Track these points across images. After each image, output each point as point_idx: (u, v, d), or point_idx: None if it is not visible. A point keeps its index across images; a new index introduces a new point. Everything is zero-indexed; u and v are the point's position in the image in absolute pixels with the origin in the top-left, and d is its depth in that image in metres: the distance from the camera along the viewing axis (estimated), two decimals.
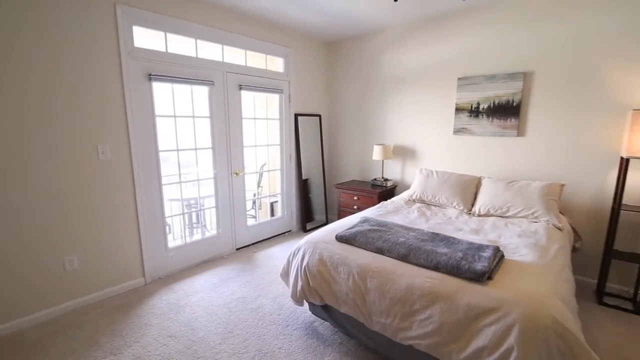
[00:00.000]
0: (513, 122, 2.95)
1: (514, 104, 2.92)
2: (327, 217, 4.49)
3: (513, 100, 2.93)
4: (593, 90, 2.58)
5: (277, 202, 4.23)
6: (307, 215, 4.27)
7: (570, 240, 2.36)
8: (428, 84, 3.49)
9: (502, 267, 1.68)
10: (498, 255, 1.70)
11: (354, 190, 3.74)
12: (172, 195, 3.48)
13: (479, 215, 2.65)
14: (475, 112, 3.16)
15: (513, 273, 1.61)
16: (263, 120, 3.95)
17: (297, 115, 4.01)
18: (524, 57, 2.86)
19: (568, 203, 2.78)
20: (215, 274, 3.01)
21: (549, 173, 2.86)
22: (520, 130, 2.95)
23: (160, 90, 2.85)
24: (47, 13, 2.13)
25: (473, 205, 2.79)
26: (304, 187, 4.23)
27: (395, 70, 3.72)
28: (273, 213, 4.25)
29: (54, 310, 2.35)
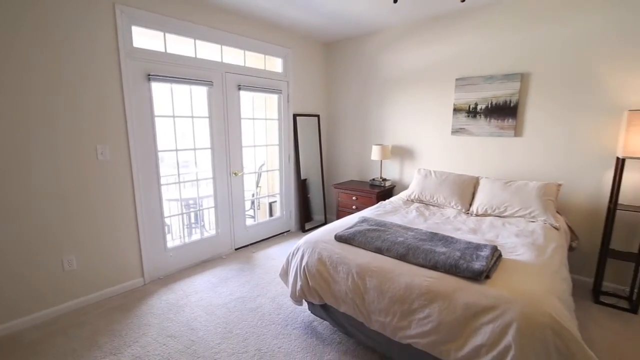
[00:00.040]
0: (510, 122, 2.98)
1: (512, 105, 2.94)
2: (325, 217, 4.51)
3: (510, 101, 2.95)
4: (589, 91, 2.61)
5: (275, 202, 4.24)
6: (305, 215, 4.28)
7: (567, 240, 2.39)
8: (426, 85, 3.50)
9: (499, 266, 1.69)
10: (496, 255, 1.72)
11: (353, 190, 3.76)
12: (171, 196, 3.49)
13: (477, 215, 2.67)
14: (473, 112, 3.18)
15: (510, 272, 1.63)
16: (262, 121, 3.96)
17: (295, 116, 4.02)
18: (522, 58, 2.88)
19: (565, 203, 2.81)
20: (214, 274, 3.01)
21: (546, 173, 2.88)
22: (518, 131, 2.98)
23: (160, 91, 2.85)
24: (46, 13, 2.13)
25: (471, 205, 2.81)
26: (303, 187, 4.23)
27: (394, 71, 3.74)
28: (272, 213, 4.26)
29: (54, 311, 2.34)
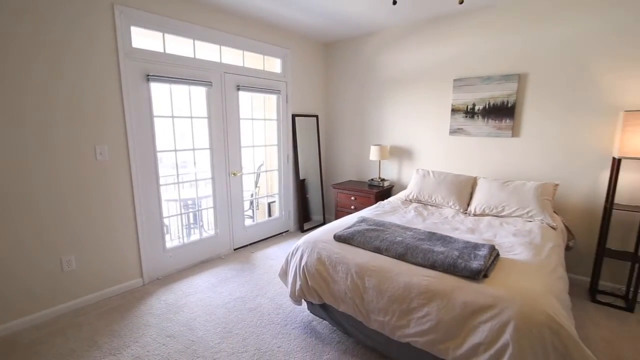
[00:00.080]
0: (508, 122, 3.00)
1: (509, 105, 2.97)
2: (324, 217, 4.52)
3: (508, 102, 2.97)
4: (585, 92, 2.63)
5: (274, 202, 4.25)
6: (304, 216, 4.29)
7: (564, 239, 2.41)
8: (424, 85, 3.52)
9: (497, 265, 1.71)
10: (493, 254, 1.74)
11: (351, 191, 3.77)
12: (169, 196, 3.49)
13: (475, 215, 2.69)
14: (471, 113, 3.20)
15: (508, 271, 1.64)
16: (261, 121, 3.96)
17: (294, 116, 4.02)
18: (519, 59, 2.90)
19: (562, 202, 2.83)
20: (214, 274, 3.02)
21: (543, 173, 2.90)
22: (515, 131, 3.00)
23: (158, 91, 2.85)
24: (45, 14, 2.13)
25: (469, 205, 2.83)
26: (302, 187, 4.24)
27: (392, 71, 3.76)
28: (270, 213, 4.26)
29: (53, 311, 2.34)
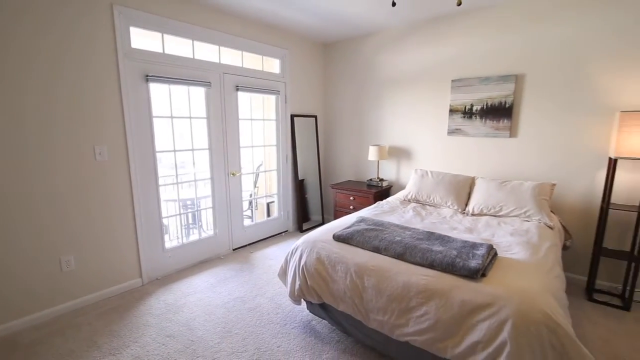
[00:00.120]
0: (505, 123, 3.02)
1: (507, 106, 2.99)
2: (323, 217, 4.53)
3: (505, 102, 2.99)
4: (582, 93, 2.65)
5: (273, 202, 4.25)
6: (303, 216, 4.30)
7: (561, 239, 2.43)
8: (423, 86, 3.54)
9: (495, 264, 1.72)
10: (491, 253, 1.75)
11: (350, 191, 3.78)
12: (168, 196, 3.49)
13: (473, 215, 2.71)
14: (469, 113, 3.22)
15: (506, 270, 1.66)
16: (259, 121, 3.97)
17: (293, 116, 4.03)
18: (516, 59, 2.92)
19: (559, 202, 2.85)
20: (213, 274, 3.02)
21: (540, 173, 2.92)
22: (513, 131, 3.02)
23: (158, 91, 2.86)
24: (44, 14, 2.13)
25: (467, 205, 2.85)
26: (300, 187, 4.25)
27: (391, 72, 3.77)
28: (269, 213, 4.27)
29: (52, 311, 2.34)
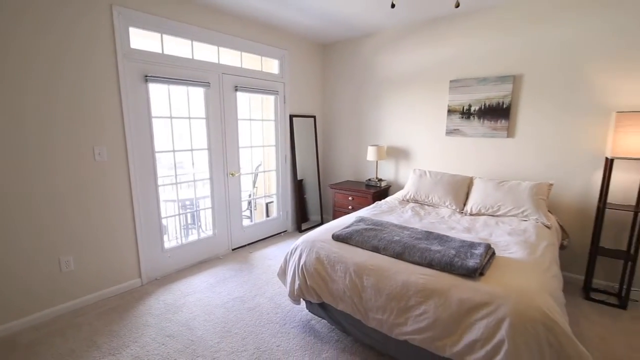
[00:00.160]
0: (503, 123, 3.04)
1: (504, 106, 3.00)
2: (322, 217, 4.54)
3: (503, 103, 3.01)
4: (579, 93, 2.67)
5: (272, 202, 4.26)
6: (302, 216, 4.31)
7: (558, 238, 2.45)
8: (421, 86, 3.55)
9: (493, 263, 1.74)
10: (489, 253, 1.77)
11: (349, 191, 3.79)
12: (167, 196, 3.49)
13: (471, 214, 2.73)
14: (467, 113, 3.24)
15: (504, 269, 1.67)
16: (258, 122, 3.97)
17: (292, 117, 4.04)
18: (514, 60, 2.94)
19: (556, 202, 2.87)
20: (212, 275, 3.03)
21: (538, 173, 2.94)
22: (510, 132, 3.04)
23: (157, 92, 2.86)
24: (44, 15, 2.13)
25: (465, 205, 2.86)
26: (299, 187, 4.26)
27: (389, 72, 3.79)
28: (268, 213, 4.28)
29: (51, 312, 2.34)
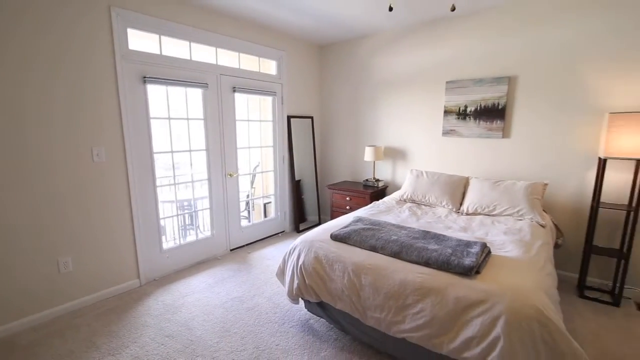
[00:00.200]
0: (498, 124, 3.07)
1: (500, 107, 3.04)
2: (319, 217, 4.55)
3: (499, 103, 3.05)
4: (572, 94, 2.72)
5: (270, 203, 4.27)
6: (300, 216, 4.33)
7: (553, 237, 2.48)
8: (418, 87, 3.59)
9: (489, 262, 1.77)
10: (485, 251, 1.79)
11: (346, 191, 3.81)
12: (166, 197, 3.49)
13: (467, 214, 2.76)
14: (463, 114, 3.27)
15: (499, 268, 1.70)
16: (256, 122, 3.99)
17: (289, 117, 4.06)
18: (509, 62, 2.98)
19: (550, 201, 2.91)
20: (210, 275, 3.04)
21: (533, 173, 2.98)
22: (505, 132, 3.08)
23: (155, 93, 2.87)
24: (42, 16, 2.14)
25: (461, 205, 2.90)
26: (297, 188, 4.28)
27: (386, 73, 3.81)
28: (266, 214, 4.29)
29: (50, 312, 2.34)
